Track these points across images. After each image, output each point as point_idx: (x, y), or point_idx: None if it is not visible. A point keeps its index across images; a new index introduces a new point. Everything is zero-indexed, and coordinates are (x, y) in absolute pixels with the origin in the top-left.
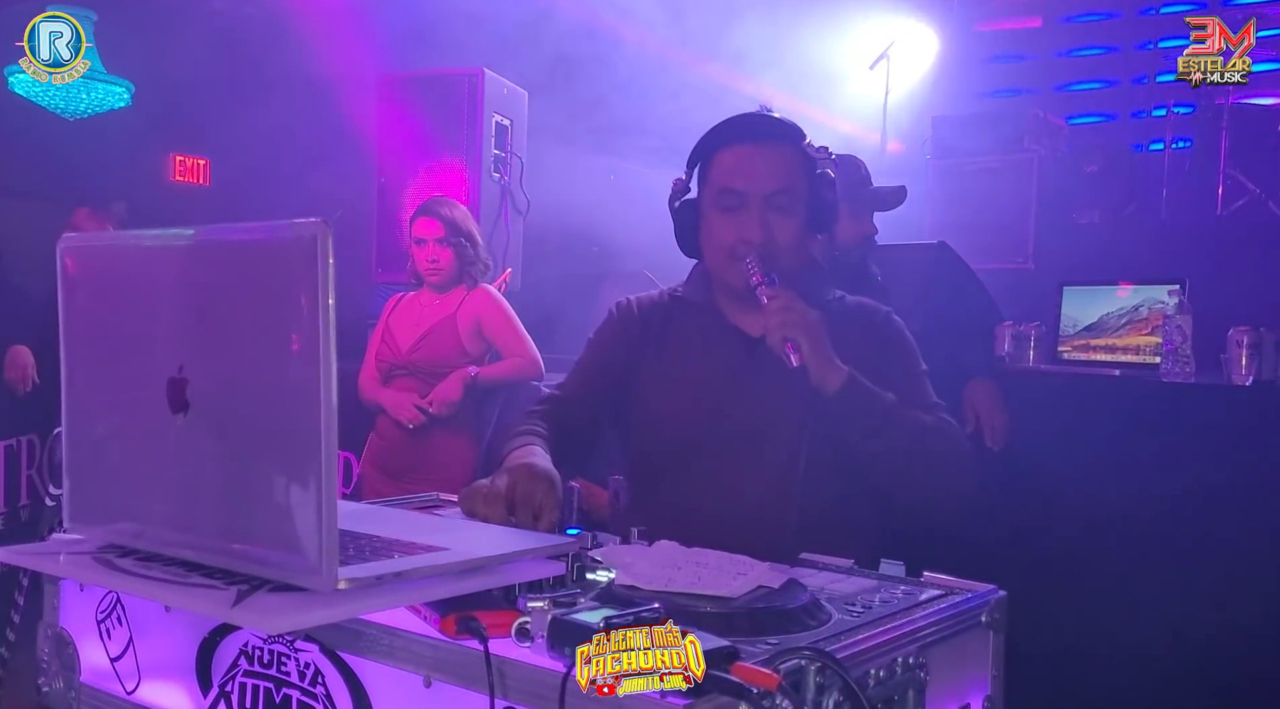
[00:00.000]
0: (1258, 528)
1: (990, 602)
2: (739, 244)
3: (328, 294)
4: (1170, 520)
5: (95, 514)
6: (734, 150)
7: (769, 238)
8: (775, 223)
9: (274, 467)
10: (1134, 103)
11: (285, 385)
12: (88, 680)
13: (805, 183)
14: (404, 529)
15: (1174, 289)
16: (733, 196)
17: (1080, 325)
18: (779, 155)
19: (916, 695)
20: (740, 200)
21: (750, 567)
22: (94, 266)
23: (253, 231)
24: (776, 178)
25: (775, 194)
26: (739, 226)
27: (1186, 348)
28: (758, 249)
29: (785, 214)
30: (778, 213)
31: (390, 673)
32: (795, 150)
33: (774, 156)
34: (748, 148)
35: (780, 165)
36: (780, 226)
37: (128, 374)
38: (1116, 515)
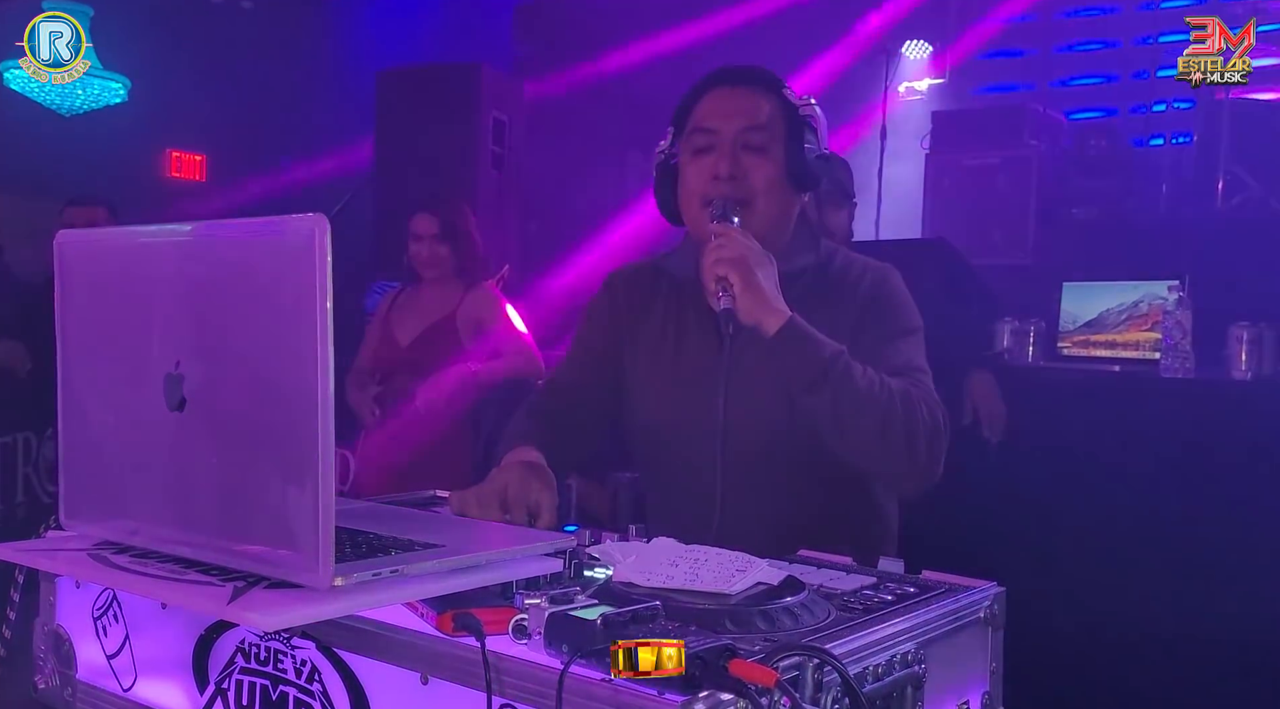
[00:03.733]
0: (1257, 523)
1: (989, 598)
2: (710, 184)
3: (325, 290)
4: (1170, 516)
5: (91, 511)
6: (709, 94)
7: (739, 174)
8: (748, 161)
9: (271, 463)
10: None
11: (283, 382)
12: (84, 677)
13: (783, 126)
14: (401, 526)
15: (1174, 285)
16: (704, 135)
17: (1080, 321)
18: (753, 96)
19: (915, 692)
20: (711, 139)
21: (748, 563)
22: (90, 262)
23: (250, 227)
24: (748, 115)
25: (747, 131)
26: (711, 165)
27: (1186, 344)
28: (727, 190)
29: (759, 153)
30: (751, 152)
31: (387, 670)
32: (773, 94)
33: (748, 96)
34: (722, 90)
35: (754, 104)
36: (753, 165)
37: (124, 370)
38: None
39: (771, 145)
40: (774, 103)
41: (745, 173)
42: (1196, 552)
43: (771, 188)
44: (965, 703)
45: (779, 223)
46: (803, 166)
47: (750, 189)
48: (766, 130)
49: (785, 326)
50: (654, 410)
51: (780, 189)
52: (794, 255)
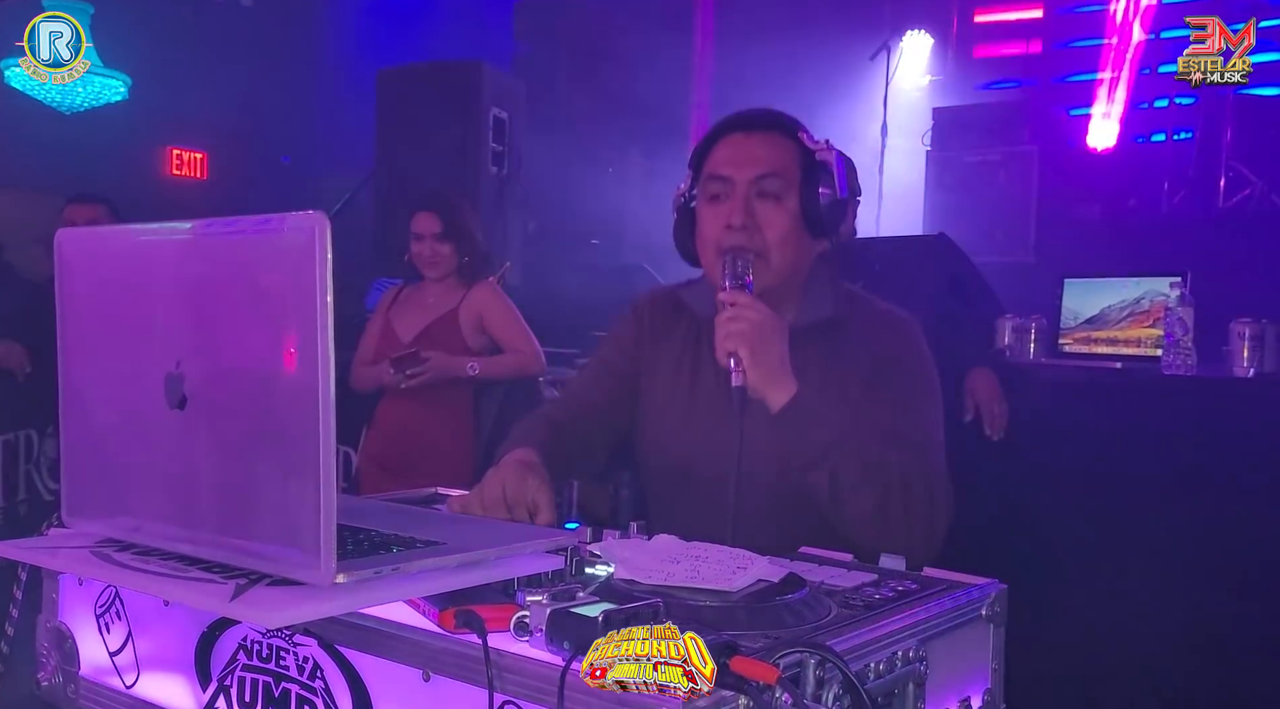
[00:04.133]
0: (1260, 520)
1: (990, 595)
2: (724, 233)
3: (326, 287)
4: (1172, 513)
5: (93, 508)
6: (725, 140)
7: (753, 225)
8: (762, 210)
9: (272, 461)
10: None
11: (284, 379)
12: (87, 675)
13: (799, 172)
14: (402, 524)
15: (1176, 281)
16: (719, 183)
17: (1081, 318)
18: (769, 141)
19: (916, 689)
20: (726, 187)
21: (750, 561)
22: (91, 261)
23: (250, 225)
24: (763, 162)
25: (762, 178)
26: (724, 214)
27: (1188, 340)
28: (741, 240)
29: (773, 201)
30: (765, 199)
31: (389, 667)
32: (788, 138)
33: (763, 142)
34: (738, 136)
35: (769, 150)
36: (767, 213)
37: (125, 368)
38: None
39: (786, 193)
40: (790, 148)
41: (759, 223)
42: (1199, 549)
43: (786, 238)
44: (966, 700)
45: (794, 272)
46: (818, 213)
47: (764, 240)
48: (781, 177)
49: (789, 405)
50: (666, 445)
51: (795, 237)
52: (810, 307)
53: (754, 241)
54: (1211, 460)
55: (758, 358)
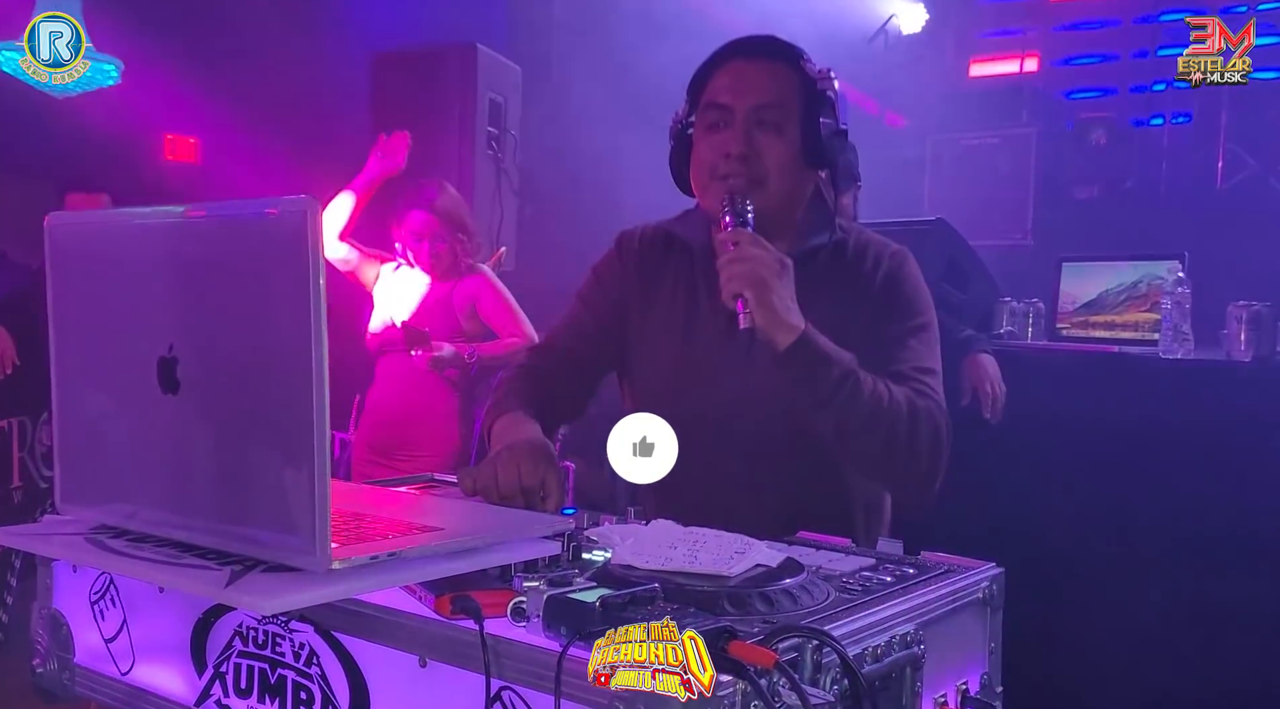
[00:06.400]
0: (1257, 503)
1: (988, 579)
2: (721, 160)
3: (318, 271)
4: (1170, 497)
5: (87, 495)
6: (726, 67)
7: (752, 153)
8: (761, 139)
9: (266, 446)
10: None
11: (276, 364)
12: (82, 661)
13: (800, 102)
14: (398, 509)
15: (1173, 265)
16: (717, 111)
17: (1079, 302)
18: (769, 70)
19: (914, 673)
20: (725, 115)
21: (748, 546)
22: (82, 246)
23: (242, 209)
24: (763, 91)
25: (762, 107)
26: (723, 143)
27: (1185, 324)
28: (739, 170)
29: (773, 130)
30: (764, 128)
31: (385, 653)
32: (790, 67)
33: (764, 71)
34: (738, 63)
35: (769, 79)
36: (767, 144)
37: (117, 354)
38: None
39: (786, 122)
40: (791, 77)
41: (758, 151)
42: (1196, 533)
43: (785, 167)
44: (964, 683)
45: (793, 201)
46: (818, 144)
47: (763, 168)
48: (782, 107)
49: (796, 344)
50: (660, 388)
51: (794, 167)
52: (808, 234)
53: (753, 170)
54: (1209, 443)
55: (763, 299)
